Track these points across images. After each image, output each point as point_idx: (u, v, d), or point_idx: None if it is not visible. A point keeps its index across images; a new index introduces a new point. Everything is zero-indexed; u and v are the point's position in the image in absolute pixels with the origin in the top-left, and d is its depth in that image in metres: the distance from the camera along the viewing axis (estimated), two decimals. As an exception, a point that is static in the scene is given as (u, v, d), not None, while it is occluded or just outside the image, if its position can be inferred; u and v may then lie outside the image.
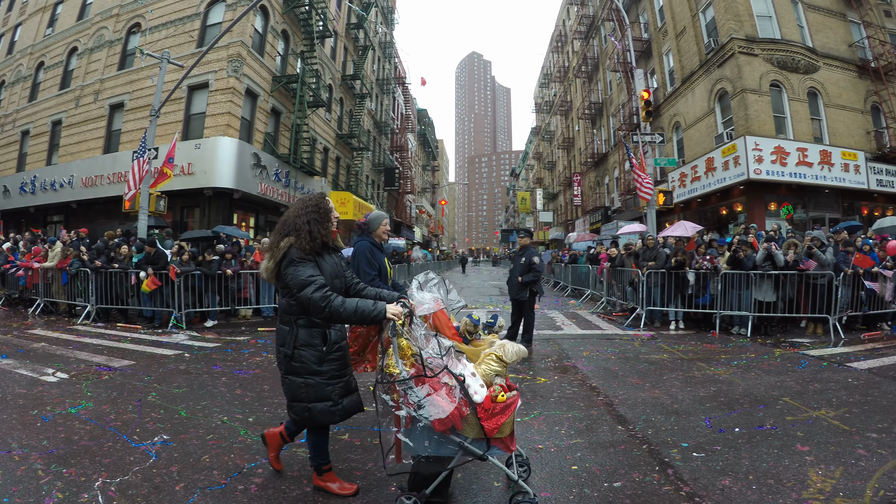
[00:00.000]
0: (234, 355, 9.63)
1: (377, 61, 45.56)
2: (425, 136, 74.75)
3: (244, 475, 4.47)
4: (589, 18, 42.68)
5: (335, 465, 4.55)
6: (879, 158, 24.14)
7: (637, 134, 20.92)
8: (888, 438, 5.48)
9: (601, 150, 42.51)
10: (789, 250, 12.10)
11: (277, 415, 6.12)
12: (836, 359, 9.53)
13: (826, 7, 25.37)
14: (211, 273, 13.49)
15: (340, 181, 35.39)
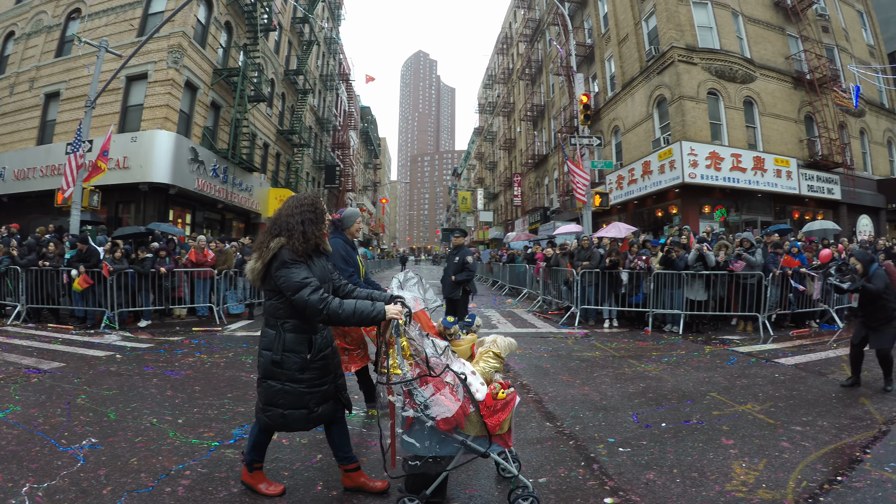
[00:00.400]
0: (166, 356, 9.35)
1: (322, 57, 44.97)
2: (368, 133, 74.21)
3: (172, 477, 4.38)
4: (535, 22, 43.00)
5: (263, 466, 4.43)
6: (811, 165, 25.25)
7: (575, 136, 21.24)
8: (812, 431, 5.67)
9: (542, 152, 42.98)
10: (720, 251, 12.45)
11: (207, 416, 6.01)
12: (765, 355, 9.78)
13: (766, 21, 26.33)
14: (144, 271, 12.96)
15: (280, 178, 34.71)
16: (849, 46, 30.11)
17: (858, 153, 29.00)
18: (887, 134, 31.63)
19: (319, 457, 4.85)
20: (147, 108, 21.13)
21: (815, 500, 4.09)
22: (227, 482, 4.30)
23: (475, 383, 3.82)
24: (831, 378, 8.02)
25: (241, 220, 29.19)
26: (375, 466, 4.70)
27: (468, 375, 3.82)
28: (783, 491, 4.26)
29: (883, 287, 7.14)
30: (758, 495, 4.18)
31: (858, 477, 4.53)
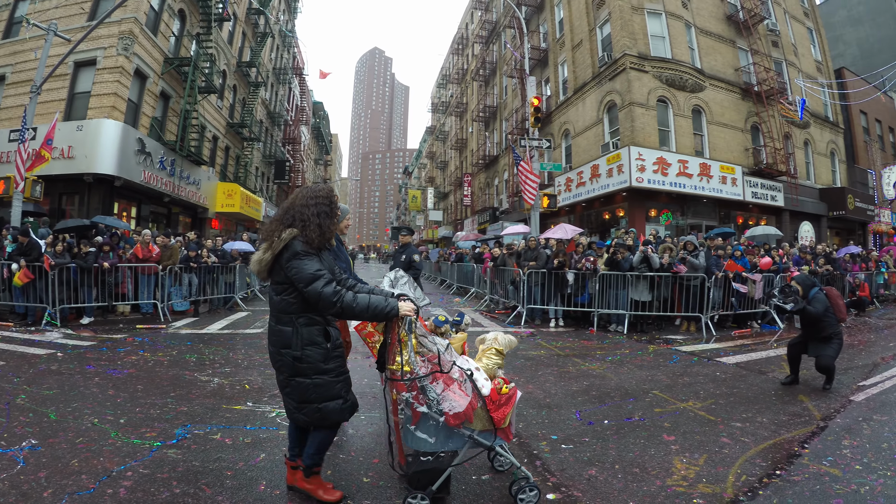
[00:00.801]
0: (109, 354, 9.03)
1: (276, 49, 44.05)
2: (320, 129, 73.17)
3: (113, 479, 4.23)
4: (491, 24, 43.11)
5: (205, 466, 4.47)
6: (755, 173, 26.00)
7: (525, 138, 21.39)
8: (751, 427, 5.79)
9: (493, 153, 43.10)
10: (664, 254, 12.68)
11: (150, 415, 5.82)
12: (707, 354, 9.93)
13: (718, 33, 26.99)
14: (87, 266, 12.41)
15: (229, 172, 33.83)
16: (797, 61, 31.13)
17: (802, 163, 30.03)
18: (830, 145, 32.90)
19: (263, 456, 4.76)
20: (94, 96, 20.32)
21: (755, 494, 4.16)
22: (170, 483, 4.18)
23: (480, 379, 3.91)
24: (771, 376, 8.18)
25: (187, 214, 28.37)
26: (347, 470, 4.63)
27: (474, 371, 3.90)
28: (723, 485, 4.33)
29: (823, 310, 7.34)
30: (698, 489, 4.24)
31: (797, 471, 4.62)
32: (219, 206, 29.51)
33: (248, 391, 6.88)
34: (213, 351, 9.43)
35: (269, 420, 5.76)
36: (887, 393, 7.27)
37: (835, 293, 7.82)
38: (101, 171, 19.57)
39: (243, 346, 10.09)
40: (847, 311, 14.77)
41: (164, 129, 23.82)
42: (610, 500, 4.05)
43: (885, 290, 20.14)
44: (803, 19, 33.50)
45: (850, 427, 5.81)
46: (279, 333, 3.77)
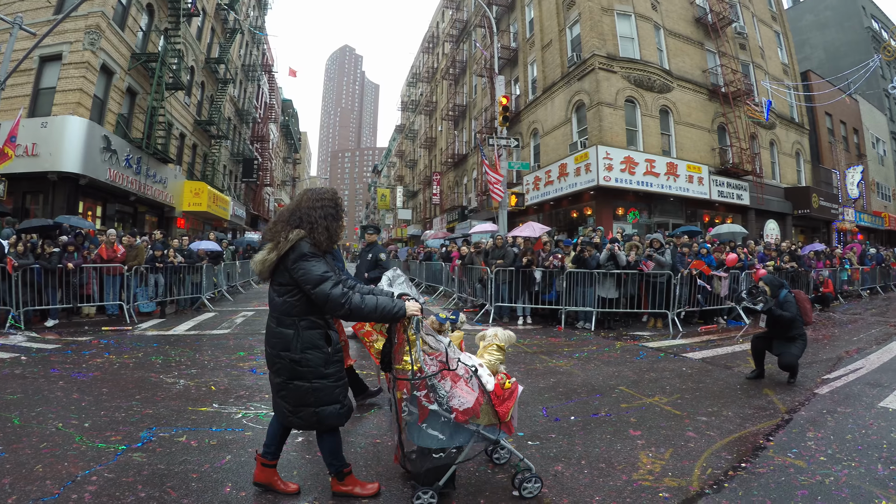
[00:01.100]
0: (74, 357, 8.78)
1: (245, 46, 43.53)
2: (289, 127, 72.50)
3: (78, 483, 4.11)
4: (462, 23, 43.03)
5: (170, 469, 4.38)
6: (722, 172, 26.41)
7: (494, 137, 21.42)
8: (717, 421, 5.83)
9: (462, 152, 43.09)
10: (631, 251, 12.74)
11: (115, 419, 5.66)
12: (673, 350, 9.99)
13: (686, 35, 27.32)
14: (51, 267, 12.05)
15: (196, 170, 33.14)
16: (764, 63, 31.70)
17: (768, 162, 30.57)
18: (796, 146, 33.55)
19: (228, 457, 4.66)
20: (60, 92, 19.73)
21: (720, 487, 4.19)
22: (135, 487, 4.08)
23: (484, 375, 3.96)
24: (737, 371, 8.25)
25: (154, 213, 27.78)
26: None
27: (478, 368, 3.96)
28: (689, 478, 4.36)
29: (795, 313, 7.44)
30: (664, 483, 4.26)
31: (762, 463, 4.67)
32: (186, 204, 28.99)
33: (213, 393, 6.75)
34: (179, 352, 9.25)
35: (234, 421, 5.65)
36: (851, 386, 7.37)
37: (802, 296, 7.91)
38: (66, 169, 19.04)
39: (210, 347, 9.92)
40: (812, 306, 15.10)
41: (130, 127, 23.27)
42: (576, 495, 4.05)
43: (848, 286, 20.59)
44: (771, 23, 34.18)
45: (814, 419, 5.88)
46: (279, 336, 3.72)
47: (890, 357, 9.38)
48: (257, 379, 7.40)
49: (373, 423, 5.79)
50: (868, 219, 39.90)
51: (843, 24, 49.84)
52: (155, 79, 23.60)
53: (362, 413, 6.06)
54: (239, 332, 11.56)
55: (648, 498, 4.02)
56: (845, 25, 49.61)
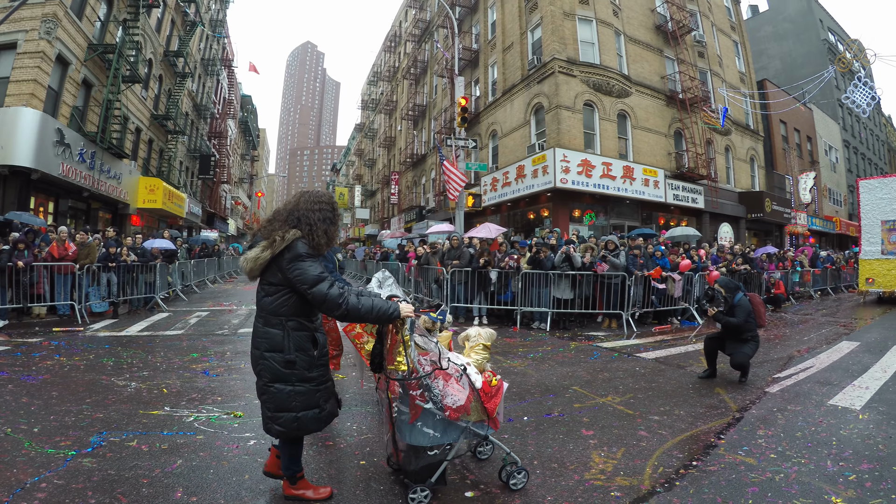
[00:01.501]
0: (23, 359, 8.46)
1: (205, 39, 42.75)
2: (247, 123, 71.51)
3: (27, 491, 3.98)
4: (425, 23, 42.96)
5: (121, 475, 4.27)
6: (677, 177, 26.90)
7: (452, 138, 21.43)
8: (669, 420, 5.90)
9: (420, 152, 43.06)
10: (586, 253, 12.83)
11: (65, 423, 5.48)
12: (627, 350, 10.05)
13: (646, 42, 27.70)
14: (0, 266, 11.66)
15: (151, 166, 32.15)
16: (721, 72, 32.33)
17: (723, 167, 31.17)
18: (750, 152, 34.30)
19: (180, 462, 4.54)
20: (13, 83, 18.84)
21: (672, 485, 4.23)
22: (85, 493, 3.95)
23: (473, 373, 4.07)
24: (689, 370, 8.33)
25: (108, 210, 26.92)
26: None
27: (466, 366, 4.08)
28: (640, 477, 4.39)
29: (744, 319, 7.52)
30: (616, 482, 4.28)
31: (713, 461, 4.72)
32: (140, 201, 28.18)
33: (165, 395, 6.58)
34: (131, 354, 8.98)
35: (186, 425, 5.50)
36: (801, 384, 7.51)
37: (757, 300, 8.04)
38: (18, 163, 18.15)
39: (163, 348, 9.68)
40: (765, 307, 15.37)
41: (84, 120, 22.47)
42: (528, 495, 4.05)
43: (800, 287, 21.21)
44: (730, 32, 34.93)
45: (765, 417, 5.97)
46: (266, 336, 3.70)
47: (839, 356, 9.60)
48: (210, 381, 7.24)
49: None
50: (820, 223, 41.42)
51: (800, 35, 51.68)
52: (112, 71, 22.85)
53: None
54: (193, 333, 11.31)
55: (600, 497, 4.04)
56: (802, 37, 51.44)
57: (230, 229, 57.80)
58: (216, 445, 4.84)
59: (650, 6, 28.51)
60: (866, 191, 19.54)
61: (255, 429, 5.30)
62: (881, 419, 5.94)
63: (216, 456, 4.64)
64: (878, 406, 6.46)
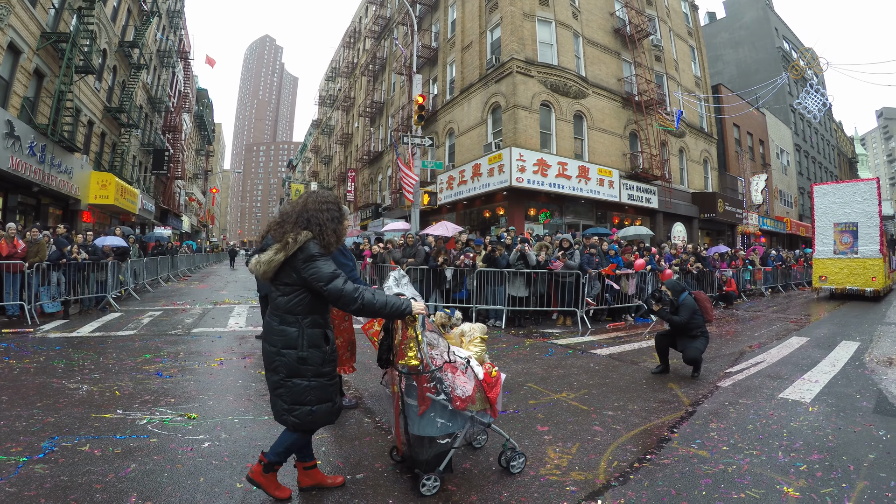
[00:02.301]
0: None
1: (162, 30, 41.74)
2: (203, 118, 70.02)
3: None
4: (385, 20, 42.77)
5: (74, 481, 4.16)
6: (632, 177, 27.35)
7: (408, 136, 21.39)
8: (622, 415, 5.95)
9: (377, 149, 42.94)
10: (541, 251, 12.92)
11: (15, 428, 5.29)
12: (581, 346, 10.11)
13: (604, 44, 28.04)
14: None
15: (104, 160, 31.02)
16: (677, 76, 32.99)
17: (676, 168, 31.80)
18: (704, 154, 35.04)
19: (133, 466, 4.42)
20: None
21: (626, 479, 4.28)
22: (37, 500, 3.84)
23: (474, 365, 4.27)
24: (643, 366, 8.43)
25: (58, 206, 25.93)
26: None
27: (469, 359, 4.27)
28: (595, 471, 4.44)
29: (688, 317, 7.68)
30: (571, 477, 4.32)
31: (667, 454, 4.79)
32: (92, 197, 27.21)
33: (118, 398, 6.37)
34: (82, 356, 8.67)
35: (139, 428, 5.34)
36: (752, 378, 7.67)
37: (703, 296, 8.19)
38: None
39: (115, 349, 9.37)
40: (716, 305, 15.76)
41: (35, 112, 21.55)
42: (484, 492, 4.06)
43: (751, 285, 21.84)
44: (686, 38, 35.64)
45: (717, 411, 6.08)
46: (282, 334, 3.78)
47: (789, 351, 9.85)
48: (163, 382, 7.05)
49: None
50: (771, 223, 42.57)
51: (755, 43, 53.25)
52: (65, 61, 22.00)
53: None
54: (145, 334, 11.00)
55: (555, 492, 4.07)
56: (758, 45, 53.03)
57: (184, 226, 56.66)
58: (170, 448, 4.77)
59: (609, 10, 28.86)
60: (820, 196, 21.08)
61: (208, 430, 5.24)
62: (830, 411, 6.11)
63: (170, 459, 4.57)
64: (827, 399, 6.63)
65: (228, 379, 7.24)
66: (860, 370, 8.30)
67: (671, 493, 4.01)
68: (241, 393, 6.65)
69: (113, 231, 19.58)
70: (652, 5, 31.92)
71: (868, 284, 19.42)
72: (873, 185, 20.39)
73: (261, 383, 7.00)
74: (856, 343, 10.73)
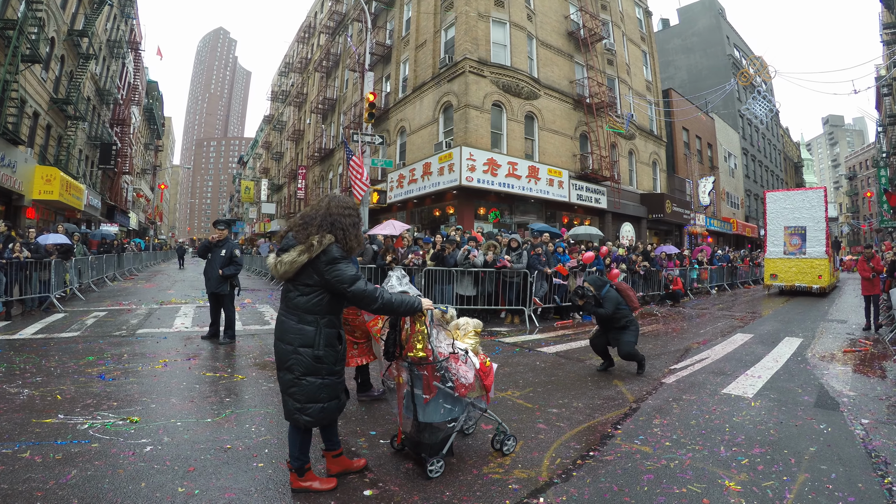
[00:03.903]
0: None
1: (113, 19, 40.39)
2: (152, 111, 68.23)
3: None
4: (340, 15, 42.39)
5: (14, 489, 4.04)
6: (582, 177, 27.56)
7: (358, 133, 21.26)
8: (567, 412, 5.96)
9: (329, 146, 42.66)
10: (488, 251, 12.94)
11: None
12: (528, 345, 10.11)
13: (557, 47, 28.26)
14: None
15: (49, 154, 29.83)
16: (629, 79, 33.49)
17: (626, 170, 32.26)
18: (653, 156, 35.66)
19: (74, 472, 4.26)
20: None
21: (569, 476, 4.29)
22: None
23: (472, 356, 4.57)
24: (588, 364, 8.41)
25: (0, 201, 25.51)
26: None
27: (468, 349, 4.58)
28: (538, 469, 4.44)
29: (612, 309, 7.76)
30: (513, 475, 4.31)
31: (609, 451, 4.81)
32: (36, 192, 26.05)
33: (59, 402, 6.09)
34: (24, 359, 8.28)
35: (80, 433, 5.12)
36: (696, 374, 7.77)
37: (624, 286, 8.28)
38: None
39: (57, 351, 8.97)
40: (662, 304, 15.98)
41: None
42: (427, 491, 4.05)
43: (698, 283, 22.51)
44: (639, 43, 36.21)
45: (660, 407, 6.13)
46: (300, 332, 3.89)
47: (734, 347, 10.04)
48: (105, 385, 6.77)
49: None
50: (718, 224, 43.72)
51: (707, 50, 54.88)
52: (11, 49, 21.24)
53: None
54: (89, 335, 10.58)
55: (498, 490, 4.06)
56: (709, 52, 54.64)
57: (132, 223, 55.30)
58: (112, 453, 4.63)
59: (564, 13, 29.13)
60: (772, 202, 23.51)
61: (151, 434, 5.09)
62: (772, 405, 6.24)
63: (112, 464, 4.43)
64: (769, 393, 6.76)
65: (172, 381, 7.02)
66: (802, 365, 8.50)
67: (613, 490, 4.01)
68: (185, 395, 6.46)
69: (56, 228, 18.96)
70: (606, 10, 32.34)
71: (815, 282, 21.58)
72: (821, 193, 22.67)
73: (205, 385, 6.85)
74: (798, 339, 11.04)
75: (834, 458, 4.67)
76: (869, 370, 8.28)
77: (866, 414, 5.99)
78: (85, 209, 33.39)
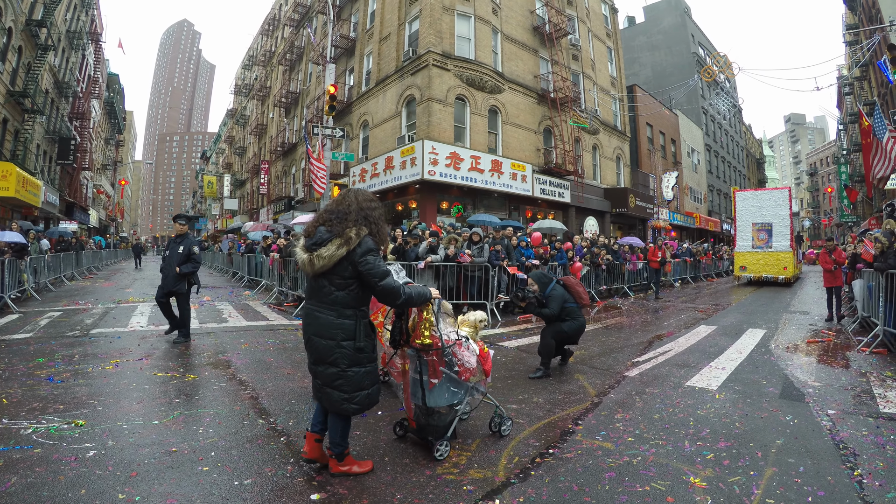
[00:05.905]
0: None
1: (73, 9, 39.10)
2: (113, 105, 66.71)
3: None
4: (305, 8, 42.03)
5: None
6: (545, 172, 27.63)
7: (319, 126, 20.98)
8: (527, 408, 5.83)
9: (291, 140, 42.38)
10: (450, 245, 12.86)
11: None
12: (490, 339, 9.92)
13: (522, 41, 28.30)
14: None
15: (5, 149, 28.88)
16: (594, 75, 33.80)
17: (589, 164, 32.57)
18: (616, 151, 36.03)
19: (14, 479, 4.03)
20: None
21: (526, 475, 4.15)
22: None
23: (472, 343, 4.76)
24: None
25: None
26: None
27: (468, 337, 4.80)
28: (495, 468, 4.30)
29: (558, 308, 7.42)
30: (469, 475, 4.17)
31: (570, 448, 4.67)
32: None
33: (4, 406, 5.73)
34: None
35: (24, 438, 4.84)
36: (659, 367, 7.68)
37: (572, 281, 7.91)
38: None
39: (7, 354, 8.51)
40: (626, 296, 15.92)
41: None
42: (377, 494, 3.89)
43: (662, 276, 22.17)
44: (605, 39, 36.57)
45: (623, 401, 6.02)
46: (341, 327, 3.98)
47: (697, 339, 10.03)
48: (53, 388, 6.40)
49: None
50: (681, 218, 44.37)
51: (672, 48, 55.88)
52: None
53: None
54: (42, 336, 10.13)
55: (452, 492, 3.91)
56: (674, 49, 55.63)
57: (91, 220, 54.08)
58: (53, 459, 4.39)
59: (530, 7, 29.19)
60: (741, 200, 25.60)
61: (95, 438, 4.83)
62: (737, 398, 6.17)
63: (53, 471, 4.20)
64: (734, 385, 6.70)
65: (122, 382, 6.68)
66: (766, 357, 8.49)
67: (573, 489, 3.87)
68: (134, 396, 6.15)
69: (10, 226, 18.37)
70: (572, 6, 32.48)
71: (780, 273, 23.70)
72: (786, 192, 24.91)
73: (155, 385, 6.56)
74: (762, 331, 11.08)
75: (801, 451, 4.60)
76: (833, 360, 8.28)
77: (832, 405, 5.93)
78: (43, 206, 32.37)
